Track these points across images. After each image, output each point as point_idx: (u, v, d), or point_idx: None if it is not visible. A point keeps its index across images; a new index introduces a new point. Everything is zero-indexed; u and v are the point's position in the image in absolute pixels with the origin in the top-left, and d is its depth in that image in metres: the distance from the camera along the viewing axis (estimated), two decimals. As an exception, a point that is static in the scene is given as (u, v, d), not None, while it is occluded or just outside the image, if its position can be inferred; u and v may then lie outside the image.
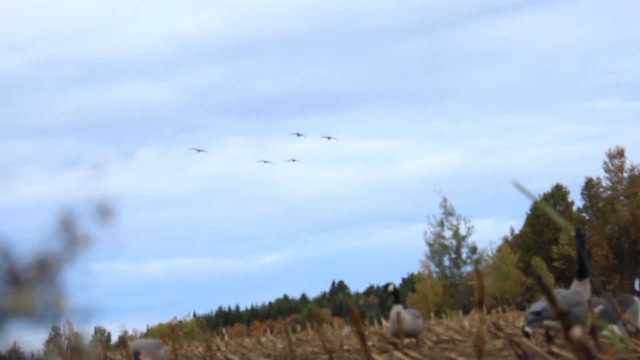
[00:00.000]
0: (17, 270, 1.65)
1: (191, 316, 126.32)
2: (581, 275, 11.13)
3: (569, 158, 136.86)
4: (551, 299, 3.48)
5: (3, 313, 1.68)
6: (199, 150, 25.78)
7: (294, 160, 28.86)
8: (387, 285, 15.10)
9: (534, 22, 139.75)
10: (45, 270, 1.65)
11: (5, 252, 1.69)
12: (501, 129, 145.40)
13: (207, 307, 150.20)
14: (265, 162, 25.17)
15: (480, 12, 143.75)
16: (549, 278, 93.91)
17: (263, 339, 27.15)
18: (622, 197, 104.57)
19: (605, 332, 11.07)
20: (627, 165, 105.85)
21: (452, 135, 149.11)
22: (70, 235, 1.70)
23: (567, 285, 10.42)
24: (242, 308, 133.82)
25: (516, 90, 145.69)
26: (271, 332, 35.14)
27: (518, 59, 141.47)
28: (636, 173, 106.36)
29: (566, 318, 3.47)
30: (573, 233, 10.97)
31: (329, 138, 30.12)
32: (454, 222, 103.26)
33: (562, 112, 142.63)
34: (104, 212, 1.72)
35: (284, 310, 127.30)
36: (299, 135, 26.17)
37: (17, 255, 1.64)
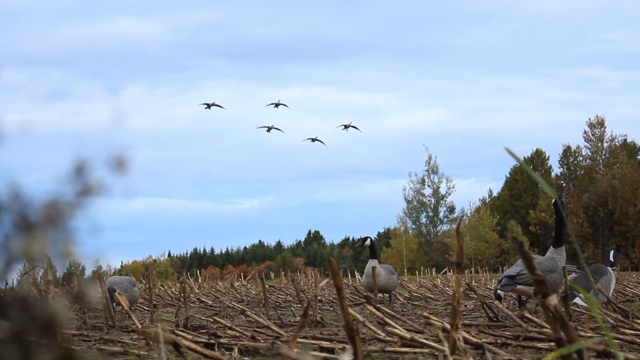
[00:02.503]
0: (28, 213, 1.65)
1: (166, 256, 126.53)
2: (557, 243, 11.18)
3: (554, 124, 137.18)
4: (530, 266, 3.49)
5: (12, 257, 1.68)
6: (209, 106, 25.40)
7: (313, 140, 28.29)
8: (364, 239, 15.15)
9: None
10: (55, 215, 1.64)
11: (16, 193, 1.68)
12: (489, 90, 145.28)
13: (182, 248, 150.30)
14: (272, 129, 24.56)
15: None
16: (524, 242, 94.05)
17: (236, 284, 27.24)
18: (601, 167, 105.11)
19: (576, 300, 11.13)
20: (608, 135, 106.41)
21: (439, 93, 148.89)
22: (83, 183, 1.69)
23: (542, 250, 10.47)
24: (217, 251, 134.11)
25: (508, 52, 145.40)
26: (244, 277, 35.21)
27: (512, 21, 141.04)
28: (616, 143, 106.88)
29: (543, 285, 3.49)
30: (554, 200, 11.01)
31: (346, 128, 29.30)
32: (435, 180, 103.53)
33: (551, 78, 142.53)
34: (119, 162, 1.71)
35: (258, 257, 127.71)
36: (277, 106, 25.74)
37: (28, 198, 1.63)
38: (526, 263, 3.48)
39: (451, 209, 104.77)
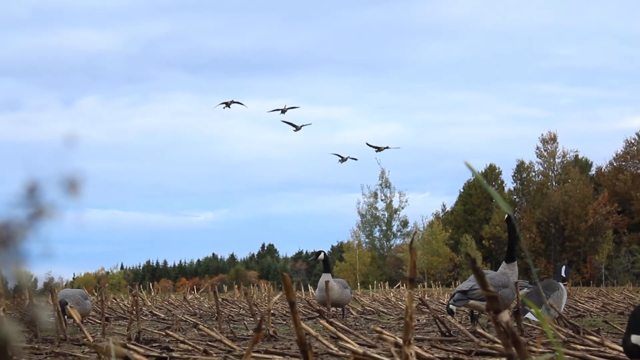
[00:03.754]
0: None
1: (119, 268, 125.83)
2: (510, 258, 11.27)
3: (507, 139, 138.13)
4: (483, 283, 3.51)
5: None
6: (227, 105, 24.51)
7: (342, 160, 27.61)
8: (318, 253, 15.15)
9: (488, 0, 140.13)
10: (6, 237, 1.63)
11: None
12: (444, 105, 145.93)
13: (136, 261, 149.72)
14: (232, 103, 23.77)
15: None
16: (477, 257, 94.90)
17: (189, 297, 27.14)
18: (553, 183, 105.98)
19: (527, 315, 11.21)
20: (560, 151, 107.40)
21: (395, 107, 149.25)
22: (35, 205, 1.67)
23: (495, 265, 10.58)
24: (170, 264, 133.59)
25: (463, 67, 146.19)
26: (197, 290, 35.10)
27: (468, 36, 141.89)
28: (568, 159, 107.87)
29: (495, 301, 3.51)
30: (507, 216, 11.10)
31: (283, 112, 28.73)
32: (388, 195, 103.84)
33: (505, 93, 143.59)
34: (72, 184, 1.69)
35: (211, 269, 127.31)
36: (228, 105, 24.86)
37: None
38: (478, 279, 3.50)
39: (404, 223, 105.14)
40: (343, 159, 27.36)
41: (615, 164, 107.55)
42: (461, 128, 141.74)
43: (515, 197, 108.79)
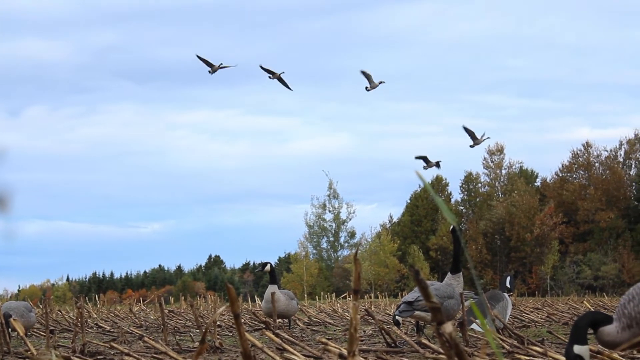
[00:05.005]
0: None
1: (64, 280, 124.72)
2: (455, 269, 11.35)
3: (454, 150, 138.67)
4: (426, 294, 3.54)
5: None
6: (213, 70, 23.69)
7: (427, 166, 26.59)
8: (264, 265, 15.16)
9: (437, 11, 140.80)
10: None
11: None
12: (393, 115, 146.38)
13: (82, 272, 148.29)
14: (220, 68, 22.95)
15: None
16: (424, 267, 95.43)
17: (135, 309, 26.98)
18: (499, 194, 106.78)
19: (473, 326, 11.28)
20: (506, 162, 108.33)
21: (344, 118, 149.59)
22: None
23: (441, 276, 10.64)
24: (117, 275, 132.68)
25: (411, 78, 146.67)
26: (144, 301, 34.89)
27: (416, 47, 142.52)
28: (514, 170, 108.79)
29: (438, 313, 3.54)
30: (452, 227, 11.18)
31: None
32: (336, 206, 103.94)
33: (453, 104, 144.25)
34: (1, 200, 1.70)
35: (158, 281, 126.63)
36: (213, 72, 23.85)
37: None
38: (422, 291, 3.53)
39: (352, 234, 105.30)
40: (429, 165, 26.47)
41: (561, 175, 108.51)
42: (409, 139, 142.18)
43: (462, 208, 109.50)
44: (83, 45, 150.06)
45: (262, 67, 25.74)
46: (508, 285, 12.70)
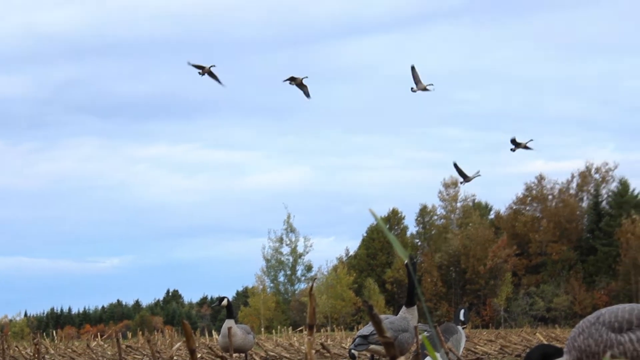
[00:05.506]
0: None
1: (22, 315, 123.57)
2: (410, 302, 11.39)
3: (410, 183, 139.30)
4: (379, 329, 3.57)
5: None
6: (202, 72, 22.79)
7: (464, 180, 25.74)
8: (221, 299, 15.14)
9: (394, 46, 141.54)
10: None
11: None
12: (350, 149, 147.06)
13: (40, 308, 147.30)
14: (210, 70, 22.15)
15: (343, 32, 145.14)
16: (380, 300, 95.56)
17: (93, 344, 26.76)
18: (454, 226, 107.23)
19: (427, 359, 11.31)
20: (461, 195, 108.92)
21: (302, 151, 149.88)
22: None
23: (397, 308, 10.74)
24: (75, 311, 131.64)
25: (368, 111, 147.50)
26: (101, 337, 34.62)
27: (373, 80, 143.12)
28: (469, 203, 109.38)
29: (391, 348, 3.56)
30: (406, 261, 11.23)
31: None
32: (293, 239, 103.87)
33: (410, 137, 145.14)
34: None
35: (116, 316, 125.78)
36: (202, 74, 22.88)
37: None
38: (375, 326, 3.56)
39: (309, 268, 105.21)
40: (467, 179, 25.98)
41: (514, 207, 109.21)
42: (366, 172, 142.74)
43: (417, 240, 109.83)
44: (42, 80, 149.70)
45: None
46: (462, 318, 12.76)
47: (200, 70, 24.49)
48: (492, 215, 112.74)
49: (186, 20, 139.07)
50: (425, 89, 25.03)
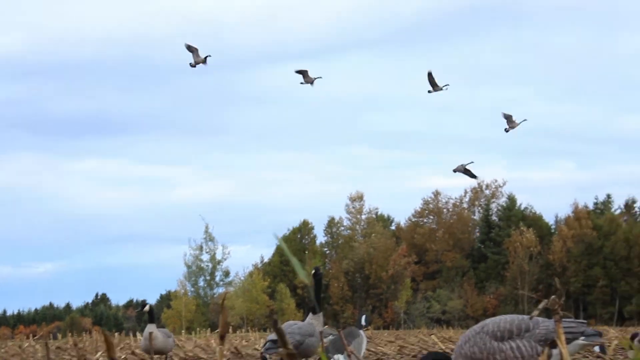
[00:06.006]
0: None
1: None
2: (315, 310, 11.42)
3: (320, 196, 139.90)
4: (282, 342, 3.57)
5: None
6: (195, 64, 21.68)
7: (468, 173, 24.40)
8: (143, 305, 15.03)
9: (313, 71, 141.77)
10: None
11: None
12: (268, 164, 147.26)
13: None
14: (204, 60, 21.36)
15: (263, 59, 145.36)
16: (291, 304, 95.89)
17: (25, 344, 26.29)
18: (359, 236, 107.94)
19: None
20: (366, 208, 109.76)
21: (223, 166, 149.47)
22: None
23: (308, 310, 10.78)
24: (10, 312, 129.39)
25: (285, 130, 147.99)
26: (34, 337, 34.04)
27: (294, 102, 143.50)
28: (373, 216, 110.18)
29: (293, 358, 3.57)
30: (313, 272, 11.26)
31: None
32: (212, 247, 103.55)
33: (320, 154, 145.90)
34: None
35: (48, 317, 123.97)
36: (194, 65, 21.50)
37: None
38: (279, 337, 3.56)
39: (226, 273, 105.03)
40: (436, 88, 24.98)
41: (413, 220, 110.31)
42: (280, 186, 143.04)
43: (326, 249, 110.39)
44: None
45: (186, 45, 22.64)
46: (363, 322, 12.83)
47: (192, 62, 22.90)
48: (393, 227, 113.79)
49: (119, 43, 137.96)
50: (441, 89, 24.77)
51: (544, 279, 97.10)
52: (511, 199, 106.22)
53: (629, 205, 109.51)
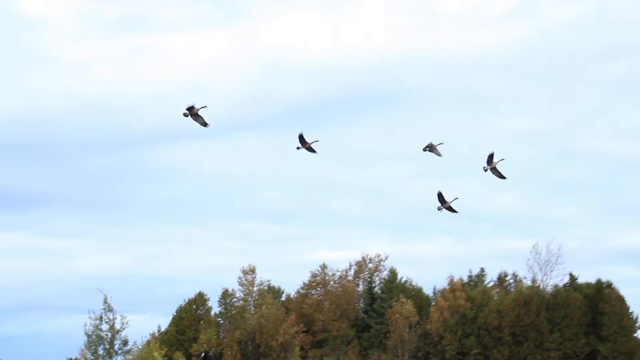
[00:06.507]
0: None
1: None
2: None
3: (215, 269, 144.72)
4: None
5: None
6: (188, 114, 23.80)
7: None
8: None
9: (203, 150, 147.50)
10: None
11: None
12: (165, 238, 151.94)
13: None
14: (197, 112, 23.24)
15: (161, 137, 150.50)
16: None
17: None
18: (251, 307, 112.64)
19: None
20: (258, 280, 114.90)
21: (122, 240, 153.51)
22: None
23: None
24: None
25: (184, 205, 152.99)
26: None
27: (189, 178, 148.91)
28: (264, 287, 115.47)
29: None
30: (202, 354, 16.94)
31: None
32: (111, 317, 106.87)
33: (216, 229, 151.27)
34: None
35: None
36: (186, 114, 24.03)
37: None
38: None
39: (125, 342, 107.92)
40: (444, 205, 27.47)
41: (302, 291, 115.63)
42: (179, 259, 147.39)
43: (220, 319, 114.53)
44: None
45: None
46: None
47: (188, 111, 23.13)
48: (284, 298, 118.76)
49: (20, 122, 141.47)
50: (495, 165, 26.80)
51: (422, 347, 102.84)
52: (392, 272, 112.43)
53: (501, 278, 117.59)
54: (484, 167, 28.14)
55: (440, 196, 28.64)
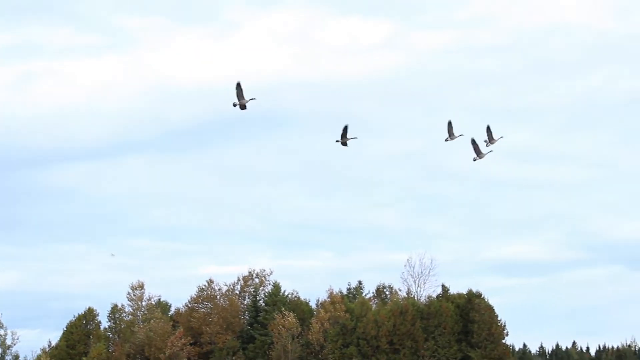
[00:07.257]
0: None
1: None
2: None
3: (105, 285, 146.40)
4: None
5: None
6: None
7: None
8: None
9: (95, 171, 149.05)
10: None
11: None
12: (55, 255, 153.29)
13: None
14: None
15: (53, 158, 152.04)
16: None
17: None
18: (140, 322, 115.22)
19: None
20: (146, 295, 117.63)
21: (13, 257, 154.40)
22: None
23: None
24: None
25: (73, 223, 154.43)
26: None
27: (80, 198, 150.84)
28: (153, 302, 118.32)
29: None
30: None
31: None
32: (2, 333, 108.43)
33: (108, 246, 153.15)
34: None
35: None
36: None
37: None
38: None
39: (16, 358, 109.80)
40: (480, 155, 26.76)
41: (190, 305, 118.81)
42: (68, 275, 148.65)
43: (109, 334, 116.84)
44: None
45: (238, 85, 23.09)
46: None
47: (238, 101, 24.30)
48: (172, 312, 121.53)
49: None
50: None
51: (305, 356, 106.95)
52: (276, 286, 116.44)
53: (378, 290, 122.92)
54: (474, 158, 28.46)
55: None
